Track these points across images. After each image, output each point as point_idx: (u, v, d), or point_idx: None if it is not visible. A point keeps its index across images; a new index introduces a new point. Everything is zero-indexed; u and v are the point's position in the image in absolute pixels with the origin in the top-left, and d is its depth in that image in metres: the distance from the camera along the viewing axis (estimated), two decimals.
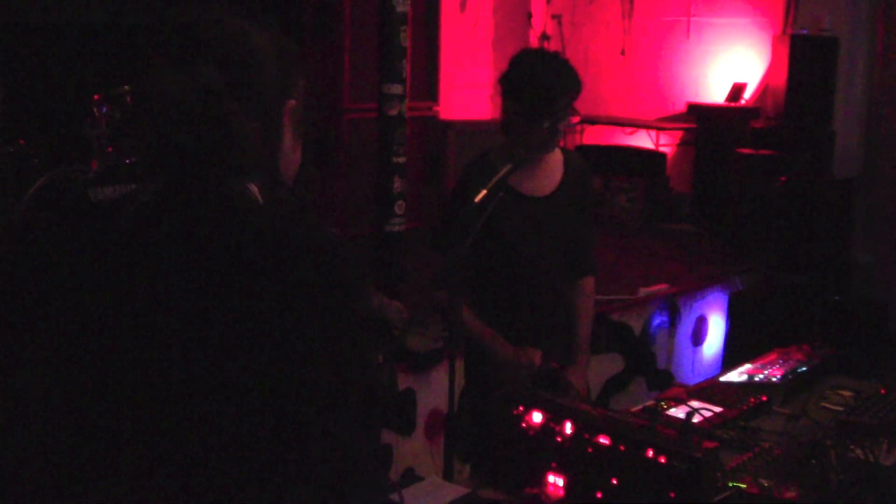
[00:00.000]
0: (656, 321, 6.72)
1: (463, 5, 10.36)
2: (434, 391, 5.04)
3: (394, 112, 5.71)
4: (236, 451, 1.53)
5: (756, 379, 3.37)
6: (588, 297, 3.77)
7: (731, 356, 6.77)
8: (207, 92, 1.59)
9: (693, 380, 6.08)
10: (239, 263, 1.54)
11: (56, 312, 1.64)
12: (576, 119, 3.49)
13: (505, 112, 3.51)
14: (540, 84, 3.37)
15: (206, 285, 1.54)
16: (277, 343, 1.52)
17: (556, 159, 3.62)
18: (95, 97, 6.50)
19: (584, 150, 10.17)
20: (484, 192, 3.18)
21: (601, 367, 6.02)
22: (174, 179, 1.61)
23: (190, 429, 1.54)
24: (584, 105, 3.61)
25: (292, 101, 1.72)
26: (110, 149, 6.46)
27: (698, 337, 7.13)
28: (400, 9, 5.68)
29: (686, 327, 7.03)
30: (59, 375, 1.63)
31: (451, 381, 3.10)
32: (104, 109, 6.47)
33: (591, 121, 10.18)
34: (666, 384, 6.23)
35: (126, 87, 6.61)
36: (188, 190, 1.61)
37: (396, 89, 5.71)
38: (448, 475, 3.02)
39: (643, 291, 6.75)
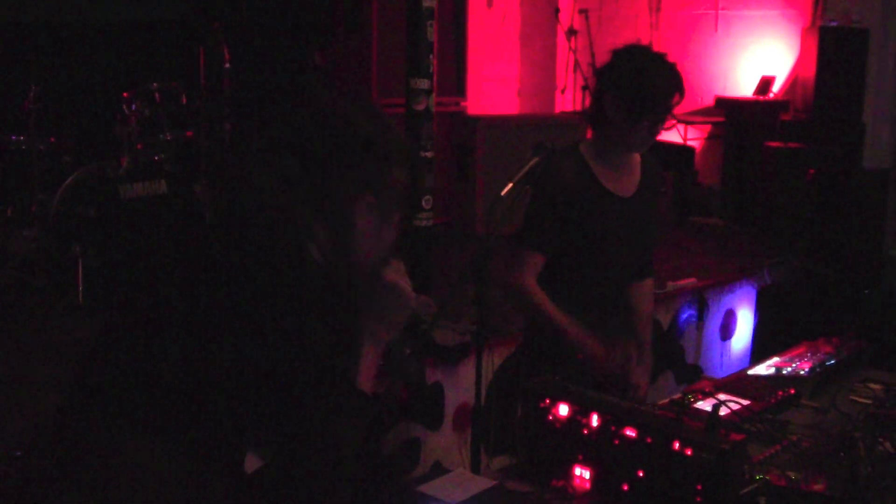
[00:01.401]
0: (685, 315, 6.70)
1: (490, 0, 10.35)
2: (462, 385, 5.05)
3: (421, 107, 5.71)
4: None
5: (784, 372, 3.36)
6: (649, 298, 3.80)
7: (759, 350, 6.74)
8: (284, 181, 1.85)
9: (721, 374, 6.05)
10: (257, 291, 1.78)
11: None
12: (671, 122, 3.46)
13: (599, 107, 3.44)
14: (649, 83, 3.32)
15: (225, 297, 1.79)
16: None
17: (635, 160, 3.60)
18: (125, 94, 6.55)
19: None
20: (510, 185, 3.18)
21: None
22: (244, 231, 1.87)
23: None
24: None
25: (371, 198, 1.91)
26: (140, 146, 6.51)
27: (727, 331, 7.10)
28: (427, 4, 5.68)
29: (715, 321, 7.01)
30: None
31: (479, 375, 3.12)
32: (134, 107, 6.52)
33: None
34: (694, 378, 6.21)
35: (155, 84, 6.66)
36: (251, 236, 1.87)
37: (423, 84, 5.71)
38: (475, 468, 3.03)
39: (671, 285, 6.73)
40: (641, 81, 3.32)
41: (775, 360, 3.53)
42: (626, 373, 3.52)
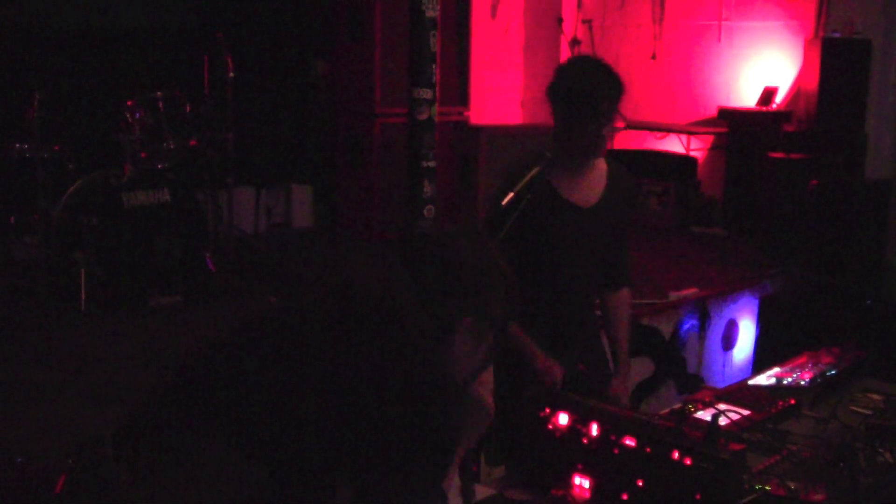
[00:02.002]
0: (686, 325, 6.70)
1: (494, 10, 10.38)
2: None
3: (423, 116, 5.72)
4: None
5: (785, 382, 3.36)
6: (625, 307, 3.82)
7: (761, 360, 6.74)
8: (401, 290, 2.05)
9: (723, 384, 6.05)
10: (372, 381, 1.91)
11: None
12: (621, 124, 3.53)
13: (553, 118, 3.54)
14: (584, 89, 3.39)
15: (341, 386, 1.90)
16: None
17: (600, 169, 3.64)
18: (129, 103, 6.57)
19: (615, 154, 10.16)
20: (511, 194, 3.19)
21: (630, 372, 6.01)
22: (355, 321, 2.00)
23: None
24: None
25: (468, 319, 2.09)
26: (143, 154, 6.53)
27: (729, 341, 7.10)
28: (429, 13, 5.70)
29: (716, 331, 7.00)
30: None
31: None
32: (137, 115, 6.54)
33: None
34: (696, 388, 6.19)
35: (159, 92, 6.67)
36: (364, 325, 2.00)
37: (426, 94, 5.72)
38: (475, 476, 3.03)
39: (673, 295, 6.73)
40: (578, 89, 3.40)
41: (776, 370, 3.53)
42: (604, 384, 3.56)
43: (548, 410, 2.61)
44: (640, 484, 2.41)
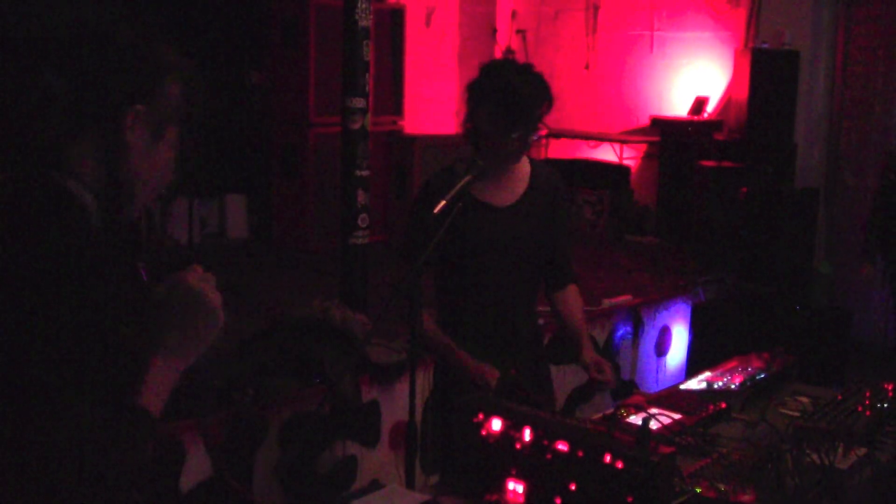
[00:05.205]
0: (620, 332, 6.75)
1: (428, 20, 10.40)
2: (399, 403, 5.04)
3: (357, 126, 5.72)
4: None
5: (716, 386, 3.40)
6: (575, 297, 3.76)
7: (694, 366, 6.81)
8: (45, 98, 1.81)
9: (657, 390, 6.11)
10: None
11: None
12: (543, 132, 3.50)
13: (471, 122, 3.48)
14: (514, 94, 3.33)
15: None
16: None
17: (523, 171, 3.61)
18: None
19: (549, 163, 10.20)
20: (443, 202, 3.19)
21: (565, 378, 6.04)
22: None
23: None
24: (548, 119, 3.60)
25: (140, 106, 1.86)
26: None
27: (662, 348, 7.17)
28: (363, 23, 5.70)
29: (650, 338, 7.07)
30: None
31: (412, 392, 3.12)
32: None
33: (556, 134, 10.25)
34: (629, 394, 6.25)
35: None
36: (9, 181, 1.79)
37: (359, 103, 5.73)
38: (410, 484, 3.03)
39: (607, 302, 6.79)
40: (509, 95, 3.34)
41: (707, 374, 3.57)
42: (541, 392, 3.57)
43: (481, 416, 2.61)
44: (573, 488, 2.42)
